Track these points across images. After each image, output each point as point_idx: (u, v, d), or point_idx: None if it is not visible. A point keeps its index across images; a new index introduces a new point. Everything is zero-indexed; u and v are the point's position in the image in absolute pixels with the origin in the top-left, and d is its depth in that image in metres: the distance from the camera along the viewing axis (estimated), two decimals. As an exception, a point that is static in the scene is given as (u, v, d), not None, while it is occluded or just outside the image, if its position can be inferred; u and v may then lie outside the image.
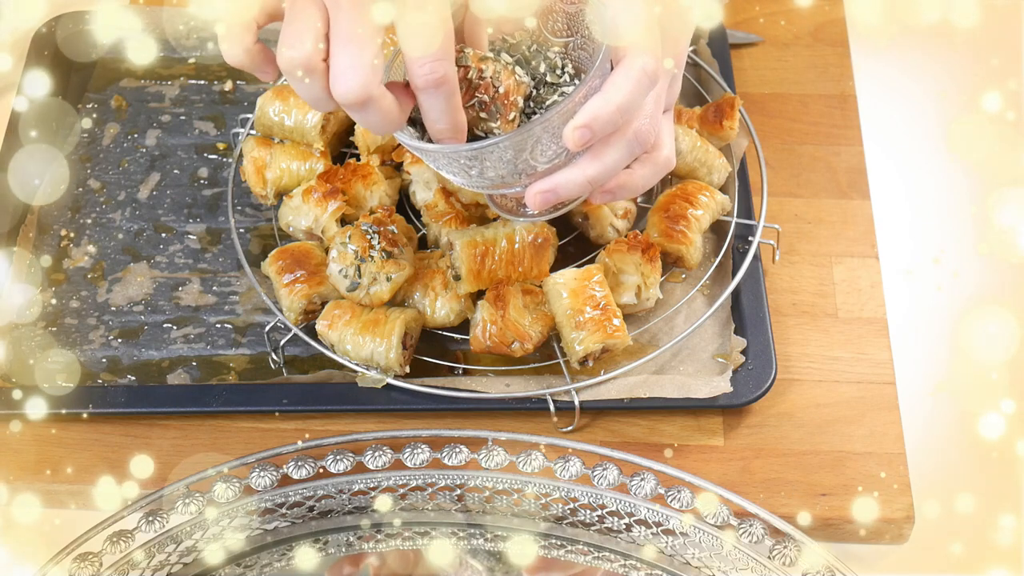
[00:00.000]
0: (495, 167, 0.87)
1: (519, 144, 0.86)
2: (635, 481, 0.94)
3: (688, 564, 0.94)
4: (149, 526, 0.93)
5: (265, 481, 0.96)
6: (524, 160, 0.87)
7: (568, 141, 0.85)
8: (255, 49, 0.86)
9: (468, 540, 0.97)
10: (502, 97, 0.87)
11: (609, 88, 0.85)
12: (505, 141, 0.85)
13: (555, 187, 0.89)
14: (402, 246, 1.02)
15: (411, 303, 1.04)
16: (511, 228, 1.02)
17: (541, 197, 0.89)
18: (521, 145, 0.86)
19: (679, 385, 1.01)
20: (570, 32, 0.92)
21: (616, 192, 0.94)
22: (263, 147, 1.12)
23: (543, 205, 0.90)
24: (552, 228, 1.04)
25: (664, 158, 0.94)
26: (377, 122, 0.83)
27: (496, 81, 0.87)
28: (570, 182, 0.89)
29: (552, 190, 0.89)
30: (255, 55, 0.86)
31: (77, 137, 1.22)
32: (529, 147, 0.86)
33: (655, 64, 0.86)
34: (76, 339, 1.08)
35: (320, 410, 1.03)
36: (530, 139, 0.86)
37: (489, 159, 0.87)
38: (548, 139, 0.86)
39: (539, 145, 0.86)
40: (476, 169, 0.88)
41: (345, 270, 1.01)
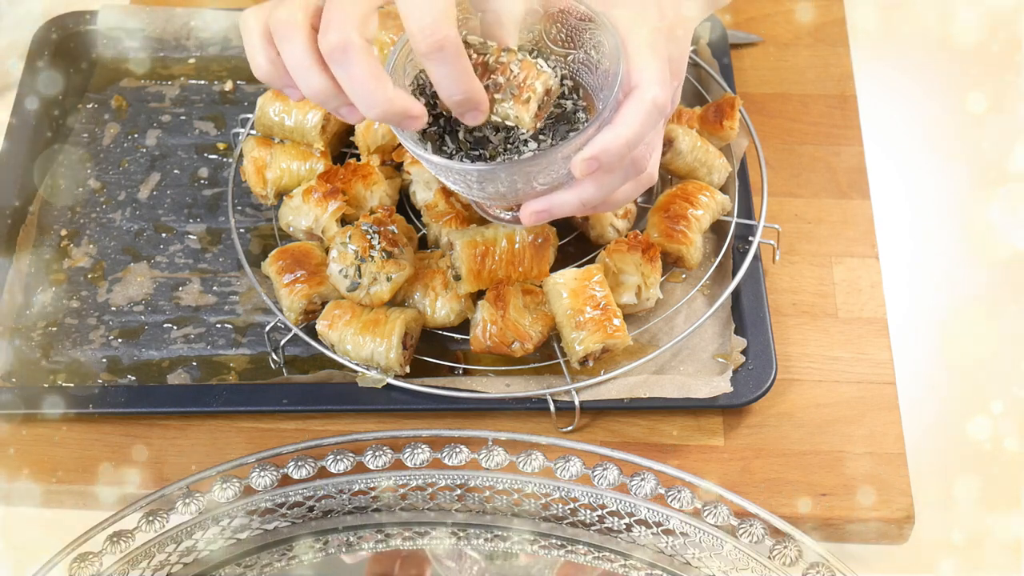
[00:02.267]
0: (495, 185, 0.88)
1: (524, 169, 0.87)
2: (635, 481, 0.94)
3: (688, 564, 0.94)
4: (149, 526, 0.93)
5: (265, 481, 0.96)
6: (526, 182, 0.88)
7: (576, 170, 0.86)
8: (280, 60, 0.86)
9: (468, 540, 0.97)
10: (518, 79, 0.88)
11: (619, 122, 0.85)
12: (512, 167, 0.87)
13: (550, 207, 0.90)
14: (402, 246, 1.02)
15: (411, 303, 1.04)
16: (511, 228, 1.02)
17: (536, 216, 0.90)
18: (527, 171, 0.87)
19: (679, 385, 1.01)
20: (572, 46, 0.92)
21: (598, 207, 0.95)
22: (263, 147, 1.12)
23: (536, 223, 0.91)
24: (552, 228, 1.04)
25: (647, 176, 0.94)
26: (362, 77, 0.82)
27: (514, 64, 0.88)
28: (566, 204, 0.90)
29: (547, 210, 0.90)
30: (281, 67, 0.86)
31: (77, 137, 1.22)
32: (535, 173, 0.87)
33: (665, 97, 0.86)
34: (76, 339, 1.08)
35: (320, 410, 1.03)
36: (536, 167, 0.87)
37: (490, 178, 0.87)
38: (555, 167, 0.87)
39: (544, 171, 0.87)
40: (477, 184, 0.89)
41: (345, 270, 1.01)
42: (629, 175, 0.90)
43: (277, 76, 0.87)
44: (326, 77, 0.84)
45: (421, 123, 0.85)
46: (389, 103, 0.82)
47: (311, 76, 0.84)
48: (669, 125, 1.08)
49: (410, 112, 0.84)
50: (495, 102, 0.88)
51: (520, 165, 0.87)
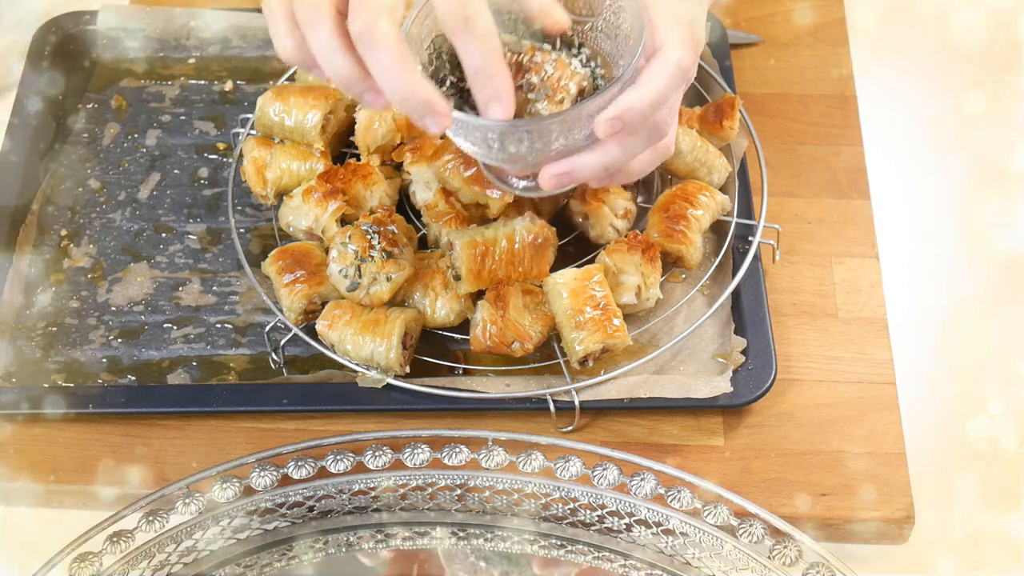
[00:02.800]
0: (516, 144, 0.87)
1: (547, 127, 0.86)
2: (635, 481, 0.94)
3: (688, 564, 0.94)
4: (149, 526, 0.93)
5: (265, 481, 0.96)
6: (546, 143, 0.87)
7: (599, 130, 0.85)
8: (305, 43, 0.86)
9: (468, 540, 0.97)
10: (553, 80, 0.87)
11: (644, 83, 0.85)
12: (534, 124, 0.86)
13: (572, 169, 0.89)
14: (402, 246, 1.02)
15: (411, 303, 1.04)
16: (511, 228, 1.02)
17: (556, 179, 0.89)
18: (549, 128, 0.86)
19: (679, 385, 1.01)
20: (592, 12, 0.92)
21: (616, 177, 0.95)
22: (263, 147, 1.12)
23: (556, 187, 0.90)
24: (552, 228, 1.04)
25: (664, 145, 0.94)
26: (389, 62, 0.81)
27: (547, 64, 0.87)
28: (587, 166, 0.89)
29: (568, 172, 0.89)
30: (307, 49, 0.86)
31: (77, 137, 1.22)
32: (557, 132, 0.87)
33: (690, 59, 0.86)
34: (76, 339, 1.08)
35: (320, 410, 1.03)
36: (559, 125, 0.86)
37: (511, 135, 0.87)
38: (577, 127, 0.87)
39: (566, 131, 0.87)
40: (497, 144, 0.88)
41: (345, 270, 1.01)
42: (652, 139, 0.90)
43: (303, 58, 0.87)
44: (352, 60, 0.84)
45: (445, 121, 0.83)
46: (414, 92, 0.82)
47: (336, 59, 0.84)
48: (669, 125, 1.08)
49: (434, 106, 0.82)
50: (529, 102, 0.88)
51: (543, 122, 0.86)
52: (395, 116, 1.10)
